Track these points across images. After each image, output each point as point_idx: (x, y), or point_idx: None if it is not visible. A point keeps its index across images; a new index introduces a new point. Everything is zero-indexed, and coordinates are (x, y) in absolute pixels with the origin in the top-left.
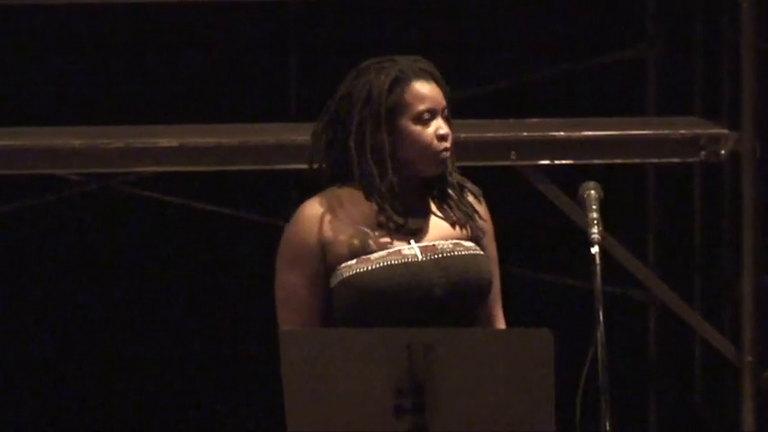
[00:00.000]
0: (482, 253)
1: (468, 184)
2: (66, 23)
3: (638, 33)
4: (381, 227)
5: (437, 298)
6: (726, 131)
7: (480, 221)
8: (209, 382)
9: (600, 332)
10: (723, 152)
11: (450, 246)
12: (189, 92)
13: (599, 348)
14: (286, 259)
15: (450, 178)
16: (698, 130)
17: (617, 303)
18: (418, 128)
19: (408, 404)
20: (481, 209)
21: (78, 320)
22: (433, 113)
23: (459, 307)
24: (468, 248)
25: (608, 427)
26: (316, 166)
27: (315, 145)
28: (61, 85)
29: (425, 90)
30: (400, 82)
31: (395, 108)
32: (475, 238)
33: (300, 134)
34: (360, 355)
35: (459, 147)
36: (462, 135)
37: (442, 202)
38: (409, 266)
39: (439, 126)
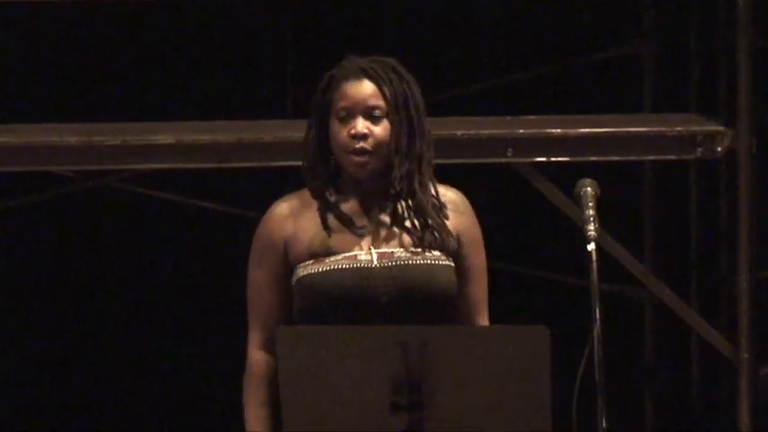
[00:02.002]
0: (446, 263)
1: (450, 193)
2: (63, 20)
3: (635, 30)
4: (341, 230)
5: (383, 305)
6: (722, 128)
7: (454, 234)
8: (207, 380)
9: (596, 329)
10: (719, 149)
11: (409, 254)
12: (186, 89)
13: (595, 345)
14: (253, 257)
15: (405, 185)
16: (694, 128)
17: (613, 300)
18: (337, 126)
19: (405, 401)
20: (461, 219)
21: (76, 318)
22: (350, 112)
23: (407, 315)
24: (427, 258)
25: (604, 425)
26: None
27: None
28: (58, 83)
29: (349, 89)
30: (334, 80)
31: (327, 107)
32: (445, 248)
33: (297, 131)
34: (356, 353)
35: (457, 144)
36: (459, 132)
37: (410, 210)
38: (360, 272)
39: (353, 126)
